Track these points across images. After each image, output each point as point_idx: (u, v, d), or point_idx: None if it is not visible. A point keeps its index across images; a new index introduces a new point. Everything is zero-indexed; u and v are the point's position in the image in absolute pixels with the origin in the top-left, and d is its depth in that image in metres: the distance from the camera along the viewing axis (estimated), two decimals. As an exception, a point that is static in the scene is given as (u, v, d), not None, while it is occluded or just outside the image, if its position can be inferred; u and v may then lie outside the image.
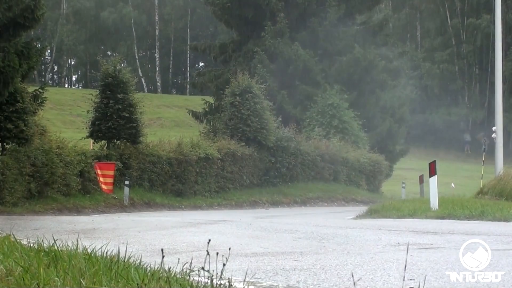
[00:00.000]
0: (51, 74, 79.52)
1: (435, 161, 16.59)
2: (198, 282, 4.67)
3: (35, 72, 51.93)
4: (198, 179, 26.27)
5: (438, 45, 62.58)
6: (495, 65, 31.09)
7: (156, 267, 5.14)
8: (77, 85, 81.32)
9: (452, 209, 14.79)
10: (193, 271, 4.80)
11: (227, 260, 4.52)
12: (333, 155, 31.73)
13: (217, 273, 4.48)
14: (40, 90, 23.37)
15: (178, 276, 4.82)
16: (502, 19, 31.36)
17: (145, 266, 5.37)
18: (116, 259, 5.51)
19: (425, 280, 4.79)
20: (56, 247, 6.02)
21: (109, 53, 76.82)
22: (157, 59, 75.53)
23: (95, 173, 22.81)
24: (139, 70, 72.63)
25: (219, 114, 33.01)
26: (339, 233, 10.58)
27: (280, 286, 5.33)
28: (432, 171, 15.90)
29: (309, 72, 36.23)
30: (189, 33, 76.69)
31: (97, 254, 5.83)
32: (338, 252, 7.74)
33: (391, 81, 38.10)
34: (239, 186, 28.03)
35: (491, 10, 36.02)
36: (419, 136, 59.87)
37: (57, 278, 4.61)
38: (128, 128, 24.43)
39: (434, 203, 15.51)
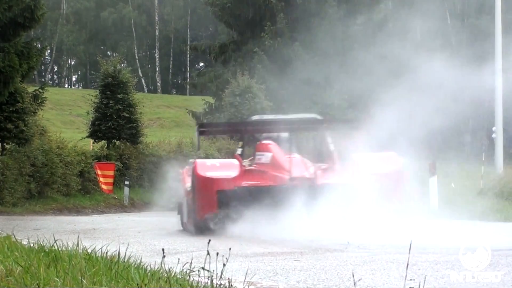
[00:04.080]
0: (51, 74, 79.53)
1: (435, 161, 16.60)
2: (198, 282, 4.67)
3: (35, 72, 51.90)
4: (198, 179, 26.25)
5: (438, 45, 62.54)
6: (495, 65, 31.07)
7: (156, 267, 5.14)
8: (77, 85, 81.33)
9: (452, 209, 14.79)
10: (193, 271, 4.80)
11: (227, 260, 4.52)
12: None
13: (217, 273, 4.48)
14: (40, 90, 23.35)
15: (178, 276, 4.82)
16: (502, 19, 31.35)
17: (145, 266, 5.38)
18: (116, 259, 5.51)
19: (425, 280, 4.79)
20: (56, 247, 6.02)
21: (109, 53, 76.81)
22: (157, 59, 75.54)
23: (95, 173, 22.81)
24: (139, 70, 72.62)
25: (219, 114, 33.00)
26: (339, 233, 10.57)
27: (280, 286, 5.33)
28: (432, 171, 15.91)
29: (309, 72, 36.22)
30: (189, 33, 76.70)
31: (97, 254, 5.84)
32: (338, 252, 7.75)
33: (391, 80, 38.04)
34: (239, 186, 27.98)
35: (491, 10, 36.01)
36: (419, 136, 59.78)
37: (57, 278, 4.61)
38: (128, 128, 24.44)
39: (434, 203, 15.51)
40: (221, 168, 11.43)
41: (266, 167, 11.66)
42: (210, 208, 11.06)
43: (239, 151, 12.62)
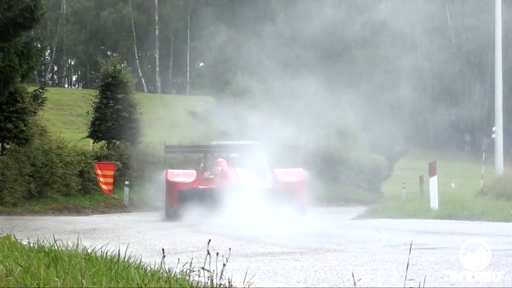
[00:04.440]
0: (51, 74, 79.50)
1: (435, 161, 16.59)
2: (198, 282, 4.67)
3: (35, 72, 51.89)
4: (198, 179, 26.26)
5: (438, 45, 62.53)
6: (495, 65, 31.09)
7: (156, 267, 5.14)
8: (77, 85, 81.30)
9: (452, 209, 14.79)
10: (193, 271, 4.79)
11: (227, 260, 4.52)
12: (333, 155, 31.71)
13: (217, 273, 4.48)
14: (40, 90, 23.35)
15: (178, 276, 4.82)
16: (502, 19, 31.36)
17: (145, 266, 5.37)
18: (116, 259, 5.51)
19: (425, 280, 4.79)
20: (56, 247, 6.02)
21: (109, 53, 76.79)
22: (157, 59, 75.51)
23: (95, 173, 22.82)
24: (139, 70, 72.61)
25: (220, 114, 33.02)
26: (339, 233, 10.60)
27: (280, 286, 5.33)
28: (432, 171, 15.90)
29: (309, 72, 36.23)
30: (189, 33, 76.67)
31: (97, 254, 5.83)
32: (338, 252, 7.75)
33: (391, 81, 38.10)
34: (239, 186, 27.98)
35: (491, 10, 36.05)
36: (419, 136, 59.82)
37: (57, 278, 4.61)
38: (128, 128, 24.45)
39: (434, 203, 15.51)
40: (183, 176, 16.51)
41: (216, 177, 16.69)
42: (173, 202, 15.99)
43: (201, 165, 18.32)
